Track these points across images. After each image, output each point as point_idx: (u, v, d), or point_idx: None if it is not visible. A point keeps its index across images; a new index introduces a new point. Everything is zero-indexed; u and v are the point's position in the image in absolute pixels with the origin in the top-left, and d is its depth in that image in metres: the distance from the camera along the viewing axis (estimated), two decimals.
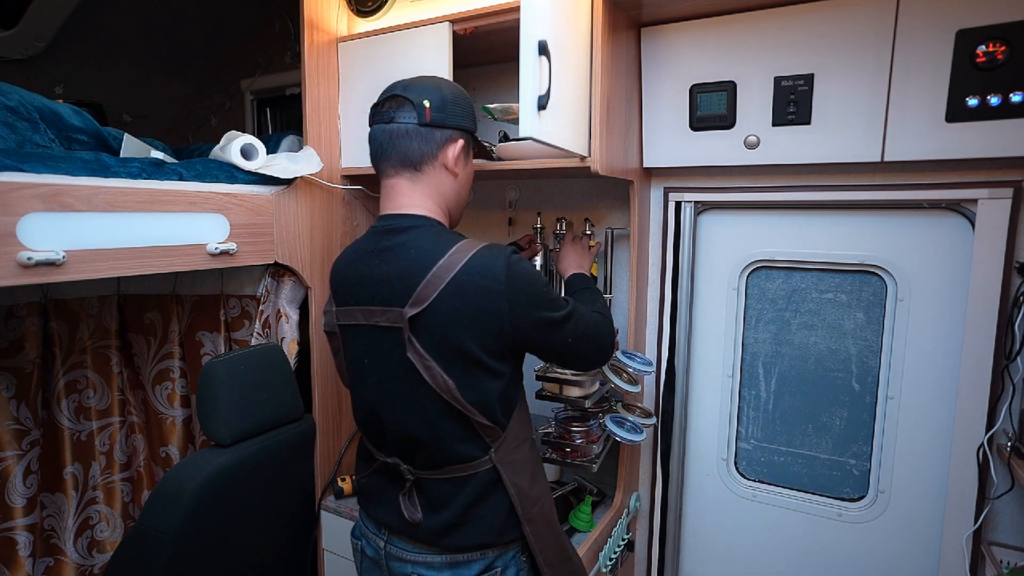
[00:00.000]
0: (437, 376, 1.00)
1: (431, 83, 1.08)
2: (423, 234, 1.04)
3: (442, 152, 1.07)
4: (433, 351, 1.00)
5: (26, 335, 1.42)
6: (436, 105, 1.06)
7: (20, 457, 1.41)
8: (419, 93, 1.06)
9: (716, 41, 1.39)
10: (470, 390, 1.01)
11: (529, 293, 1.00)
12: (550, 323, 1.03)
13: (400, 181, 1.08)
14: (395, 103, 1.06)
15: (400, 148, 1.06)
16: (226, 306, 1.66)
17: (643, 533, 1.73)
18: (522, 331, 1.01)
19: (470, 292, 0.97)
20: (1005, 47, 1.14)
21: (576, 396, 1.33)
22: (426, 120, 1.05)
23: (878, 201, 1.36)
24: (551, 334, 1.04)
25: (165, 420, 1.71)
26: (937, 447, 1.37)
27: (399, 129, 1.05)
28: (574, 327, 1.06)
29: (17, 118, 1.14)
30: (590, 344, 1.11)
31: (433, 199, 1.09)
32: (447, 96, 1.08)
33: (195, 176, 1.30)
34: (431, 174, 1.07)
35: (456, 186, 1.12)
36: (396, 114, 1.06)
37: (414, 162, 1.06)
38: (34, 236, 0.99)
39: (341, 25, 1.66)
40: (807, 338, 1.51)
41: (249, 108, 2.58)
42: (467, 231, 1.96)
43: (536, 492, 1.09)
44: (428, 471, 1.06)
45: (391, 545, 1.10)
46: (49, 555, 1.49)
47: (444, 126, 1.06)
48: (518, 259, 1.02)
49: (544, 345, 1.06)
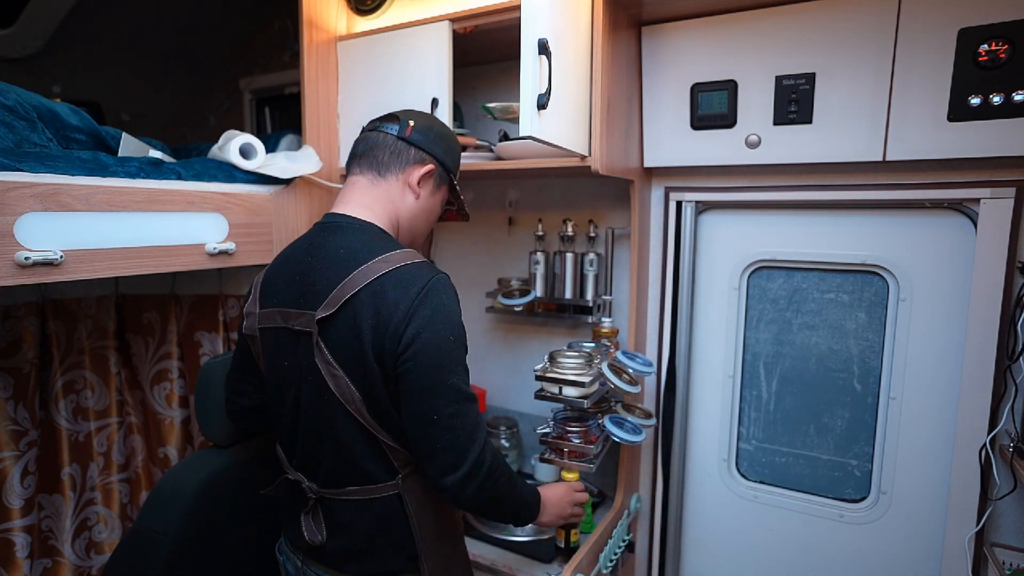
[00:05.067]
0: (343, 386, 0.94)
1: (427, 115, 1.13)
2: (358, 235, 1.00)
3: (410, 169, 1.06)
4: (340, 359, 0.94)
5: (23, 335, 1.41)
6: (420, 128, 1.08)
7: (18, 458, 1.40)
8: (409, 116, 1.09)
9: (717, 40, 1.38)
10: (376, 406, 0.94)
11: (435, 329, 0.91)
12: (435, 383, 0.91)
13: (360, 179, 1.07)
14: (386, 119, 1.10)
15: (371, 152, 1.06)
16: (225, 306, 1.65)
17: (644, 534, 1.72)
18: (403, 365, 0.91)
19: (380, 302, 0.91)
20: (1007, 46, 1.13)
21: (575, 396, 1.32)
22: (405, 135, 1.06)
23: (880, 201, 1.35)
24: (425, 395, 0.91)
25: (163, 421, 1.70)
26: (939, 448, 1.36)
27: (378, 137, 1.07)
28: (453, 416, 0.91)
29: (15, 117, 1.13)
30: (458, 455, 0.91)
31: (386, 207, 1.06)
32: (436, 129, 1.10)
33: (194, 175, 1.29)
34: (393, 184, 1.06)
35: (415, 209, 1.09)
36: (381, 124, 1.08)
37: (379, 166, 1.06)
38: (32, 236, 0.99)
39: (340, 24, 1.65)
40: (808, 338, 1.51)
41: (248, 107, 2.57)
42: (467, 230, 1.96)
43: (443, 532, 1.04)
44: (331, 490, 1.02)
45: (306, 566, 1.08)
46: (47, 556, 1.48)
47: (420, 147, 1.07)
48: (445, 287, 0.95)
49: (409, 400, 0.92)
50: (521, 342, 1.90)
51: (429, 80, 1.47)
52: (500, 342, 1.94)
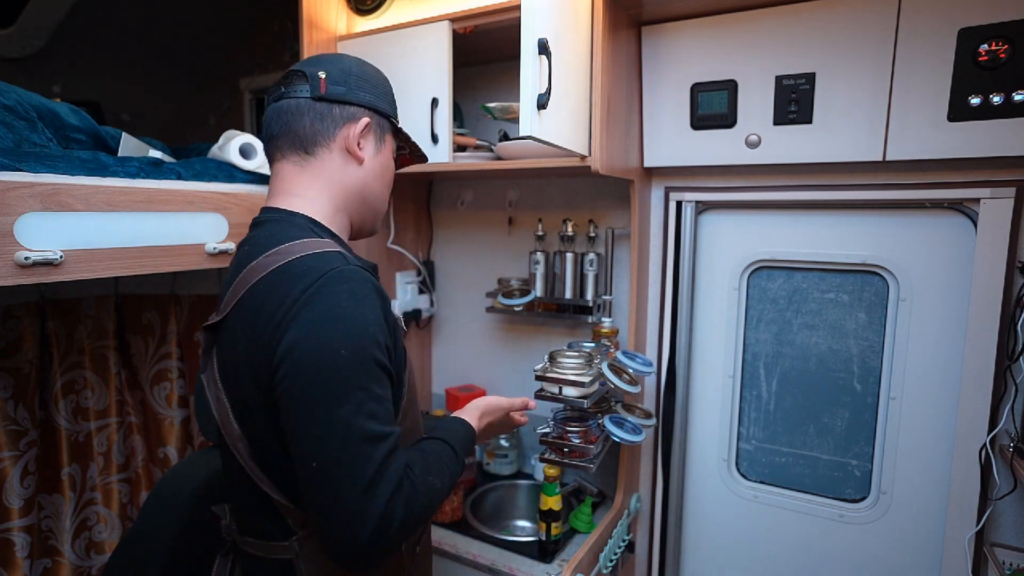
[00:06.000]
0: (224, 417, 0.76)
1: (334, 56, 0.91)
2: (275, 228, 0.82)
3: (342, 132, 0.87)
4: (225, 380, 0.77)
5: (23, 335, 1.41)
6: (334, 77, 0.87)
7: (17, 458, 1.40)
8: (316, 65, 0.88)
9: (717, 40, 1.38)
10: (259, 447, 0.74)
11: (319, 340, 0.68)
12: (313, 414, 0.68)
13: (285, 166, 0.88)
14: (288, 79, 0.87)
15: (288, 126, 0.86)
16: None
17: (644, 534, 1.72)
18: (277, 389, 0.70)
19: (259, 306, 0.73)
20: (1007, 46, 1.13)
21: (575, 396, 1.32)
22: (320, 93, 0.85)
23: (880, 200, 1.35)
24: (302, 431, 0.68)
25: (163, 421, 1.70)
26: (939, 448, 1.36)
27: (288, 105, 0.86)
28: (338, 465, 0.66)
29: (14, 117, 1.13)
30: (349, 518, 0.66)
31: (324, 190, 0.87)
32: (351, 69, 0.89)
33: (193, 175, 1.29)
34: (326, 159, 0.87)
35: (363, 177, 0.90)
36: (288, 88, 0.87)
37: (304, 143, 0.86)
38: (31, 236, 0.98)
39: (340, 24, 1.65)
40: (808, 338, 1.51)
41: (248, 107, 2.57)
42: (467, 230, 1.96)
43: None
44: (239, 535, 0.85)
45: None
46: (47, 556, 1.49)
47: (345, 101, 0.87)
48: (345, 282, 0.72)
49: (288, 438, 0.71)
50: (521, 342, 1.90)
51: (429, 80, 1.47)
52: (500, 342, 1.94)
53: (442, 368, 2.08)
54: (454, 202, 1.97)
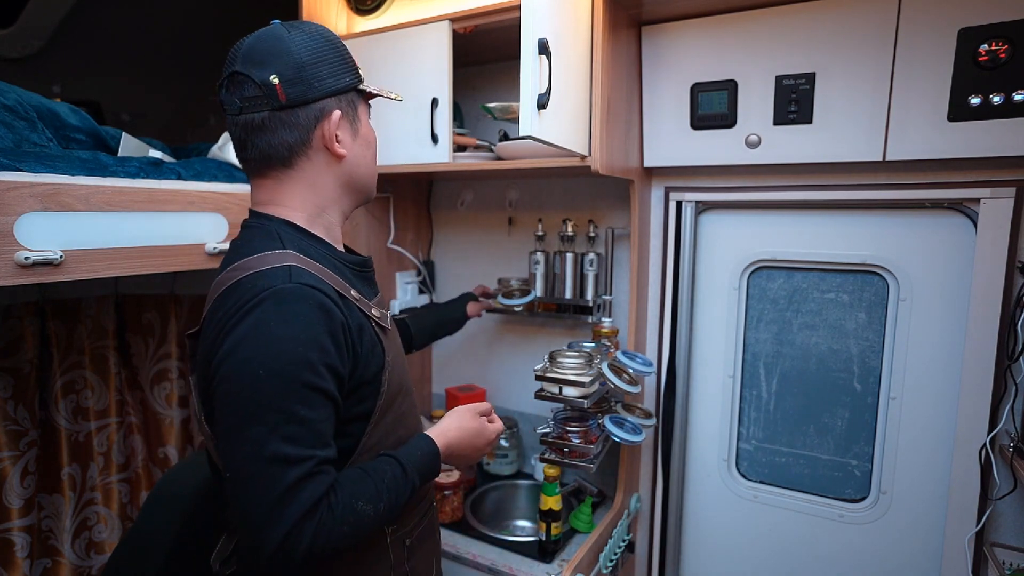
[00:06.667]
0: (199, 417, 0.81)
1: (275, 47, 0.82)
2: (249, 236, 0.83)
3: (317, 134, 0.84)
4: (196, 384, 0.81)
5: (24, 335, 1.41)
6: (288, 77, 0.80)
7: (17, 458, 1.41)
8: (263, 67, 0.81)
9: (717, 40, 1.38)
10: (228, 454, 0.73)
11: (241, 356, 0.70)
12: (229, 430, 0.71)
13: (265, 182, 0.87)
14: (236, 84, 0.83)
15: (260, 146, 0.83)
16: None
17: (644, 534, 1.72)
18: (213, 399, 0.74)
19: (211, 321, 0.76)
20: (1007, 46, 1.13)
21: (575, 396, 1.32)
22: (280, 103, 0.80)
23: (880, 200, 1.35)
24: (223, 443, 0.72)
25: (163, 421, 1.71)
26: (939, 448, 1.36)
27: (252, 121, 0.82)
28: (245, 482, 0.69)
29: (15, 117, 1.13)
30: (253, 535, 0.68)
31: (310, 198, 0.86)
32: (300, 58, 0.82)
33: (193, 175, 1.30)
34: (306, 166, 0.85)
35: (348, 168, 0.89)
36: (246, 103, 0.82)
37: (283, 159, 0.84)
38: (31, 236, 0.99)
39: (340, 23, 1.65)
40: (808, 338, 1.50)
41: None
42: (467, 230, 1.96)
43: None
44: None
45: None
46: (47, 556, 1.49)
47: (308, 101, 0.82)
48: (283, 302, 0.71)
49: (217, 440, 0.75)
50: (521, 342, 1.90)
51: (429, 80, 1.47)
52: (500, 342, 1.94)
53: (442, 368, 2.08)
54: (454, 202, 1.97)
